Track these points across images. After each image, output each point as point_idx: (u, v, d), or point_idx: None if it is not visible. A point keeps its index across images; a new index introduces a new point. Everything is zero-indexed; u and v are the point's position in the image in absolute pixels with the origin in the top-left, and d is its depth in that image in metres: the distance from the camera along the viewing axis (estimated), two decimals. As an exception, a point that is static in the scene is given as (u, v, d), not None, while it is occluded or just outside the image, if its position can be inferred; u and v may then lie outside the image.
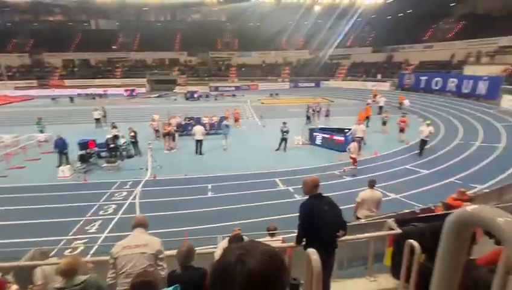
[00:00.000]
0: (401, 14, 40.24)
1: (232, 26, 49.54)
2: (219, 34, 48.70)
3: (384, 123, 16.65)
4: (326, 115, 19.77)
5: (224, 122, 15.09)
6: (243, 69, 44.64)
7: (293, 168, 11.28)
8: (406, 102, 22.67)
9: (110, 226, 7.63)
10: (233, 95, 33.40)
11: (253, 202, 8.64)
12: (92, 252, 6.22)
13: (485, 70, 25.18)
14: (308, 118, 19.17)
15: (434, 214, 4.89)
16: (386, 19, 41.38)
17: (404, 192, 9.07)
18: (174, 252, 3.03)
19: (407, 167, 11.22)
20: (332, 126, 16.01)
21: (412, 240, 2.84)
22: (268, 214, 7.64)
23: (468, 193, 6.33)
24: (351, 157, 11.00)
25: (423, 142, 12.34)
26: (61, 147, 11.85)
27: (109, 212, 8.36)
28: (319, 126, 16.19)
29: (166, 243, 5.86)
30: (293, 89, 39.76)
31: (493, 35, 28.77)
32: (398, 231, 3.82)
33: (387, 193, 8.68)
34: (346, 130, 14.23)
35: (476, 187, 8.86)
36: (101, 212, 8.34)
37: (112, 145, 12.89)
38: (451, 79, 26.85)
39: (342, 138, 13.68)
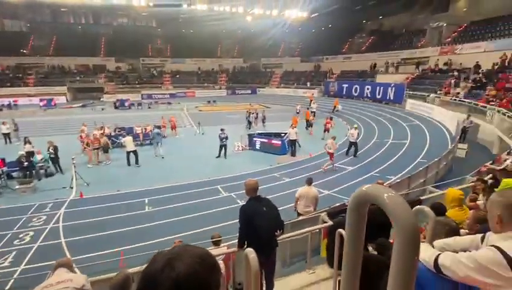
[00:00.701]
0: (323, 28, 44.38)
1: (163, 32, 47.76)
2: (149, 39, 46.47)
3: (310, 126, 18.30)
4: (263, 121, 20.50)
5: (156, 130, 14.46)
6: (178, 76, 43.41)
7: (234, 174, 11.35)
8: (339, 107, 25.07)
9: (28, 256, 6.54)
10: (169, 103, 32.23)
11: (195, 212, 8.40)
12: (6, 288, 5.24)
13: (392, 79, 29.51)
14: (249, 123, 19.63)
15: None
16: (311, 32, 45.14)
17: (335, 187, 9.95)
18: (111, 275, 2.75)
19: (336, 164, 12.31)
20: (269, 131, 16.72)
21: (341, 229, 3.13)
22: (213, 223, 7.52)
23: (385, 183, 7.28)
24: (329, 153, 11.72)
25: (352, 144, 13.48)
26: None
27: (26, 241, 7.16)
28: (257, 131, 16.73)
29: (98, 266, 5.30)
30: (230, 96, 40.17)
31: (396, 49, 33.94)
32: (330, 222, 4.18)
33: (322, 190, 9.39)
34: (283, 134, 15.01)
35: (391, 178, 10.21)
36: (15, 242, 7.09)
37: (25, 164, 11.10)
38: (367, 86, 30.61)
39: (279, 142, 14.39)
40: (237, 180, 10.57)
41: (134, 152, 12.60)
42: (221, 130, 13.57)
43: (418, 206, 2.27)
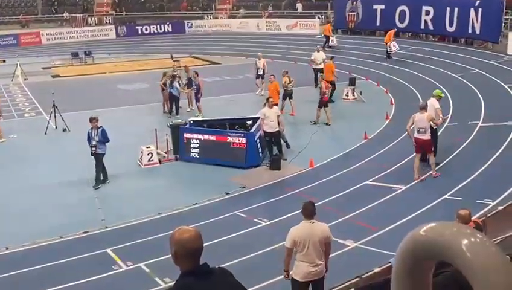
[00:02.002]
0: None
1: None
2: None
3: (289, 96, 18.91)
4: (197, 94, 19.98)
5: None
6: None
7: (144, 219, 11.37)
8: (395, 45, 26.56)
9: None
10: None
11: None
12: None
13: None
14: (172, 100, 19.52)
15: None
16: None
17: (369, 234, 10.22)
18: None
19: (368, 183, 12.69)
20: (218, 117, 16.86)
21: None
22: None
23: (474, 217, 7.60)
24: (422, 140, 12.36)
25: (434, 135, 13.23)
26: None
27: None
28: (192, 118, 16.67)
29: None
30: (124, 39, 40.45)
31: None
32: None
33: (341, 241, 9.60)
34: (250, 122, 15.23)
35: (488, 204, 10.68)
36: None
37: None
38: (425, 7, 31.61)
39: (243, 139, 14.47)
40: (151, 233, 10.55)
41: None
42: (91, 120, 13.48)
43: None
